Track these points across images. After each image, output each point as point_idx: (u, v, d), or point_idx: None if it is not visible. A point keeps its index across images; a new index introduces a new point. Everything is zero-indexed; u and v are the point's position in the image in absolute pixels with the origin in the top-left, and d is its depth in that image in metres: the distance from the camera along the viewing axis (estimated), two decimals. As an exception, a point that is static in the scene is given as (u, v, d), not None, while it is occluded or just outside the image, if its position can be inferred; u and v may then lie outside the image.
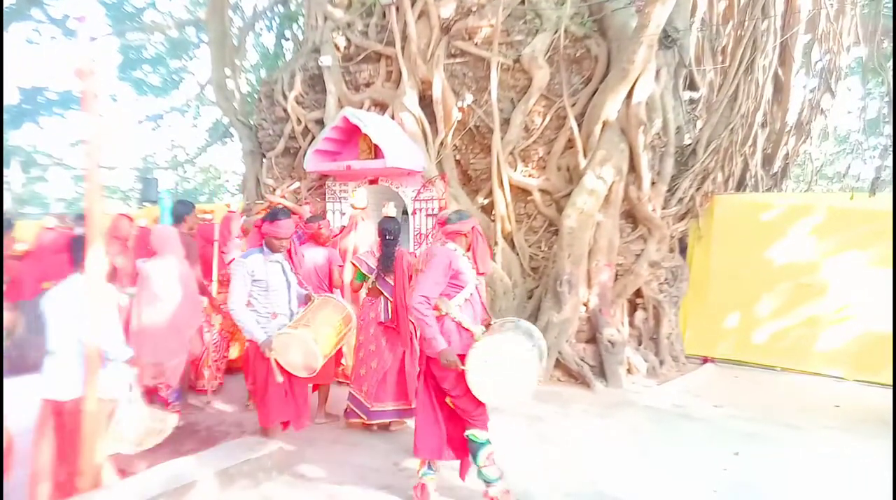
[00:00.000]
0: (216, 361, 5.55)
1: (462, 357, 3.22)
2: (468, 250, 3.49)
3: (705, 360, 7.39)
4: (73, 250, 3.10)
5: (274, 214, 4.02)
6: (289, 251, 4.13)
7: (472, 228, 3.50)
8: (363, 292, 4.82)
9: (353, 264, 4.81)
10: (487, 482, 3.38)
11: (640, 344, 7.07)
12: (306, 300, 4.20)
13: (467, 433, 3.39)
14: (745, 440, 4.60)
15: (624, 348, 6.45)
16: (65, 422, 2.99)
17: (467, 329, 3.34)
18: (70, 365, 2.98)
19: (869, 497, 3.71)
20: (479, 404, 3.33)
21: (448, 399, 3.42)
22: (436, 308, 3.32)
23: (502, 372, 3.17)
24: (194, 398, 5.31)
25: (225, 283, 5.95)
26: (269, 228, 3.96)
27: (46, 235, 7.01)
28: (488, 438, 3.38)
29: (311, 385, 5.08)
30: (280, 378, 3.84)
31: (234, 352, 6.05)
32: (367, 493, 3.61)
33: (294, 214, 6.27)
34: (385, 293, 4.60)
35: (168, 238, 4.57)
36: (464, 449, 3.47)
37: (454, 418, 3.47)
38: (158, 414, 3.28)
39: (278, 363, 3.80)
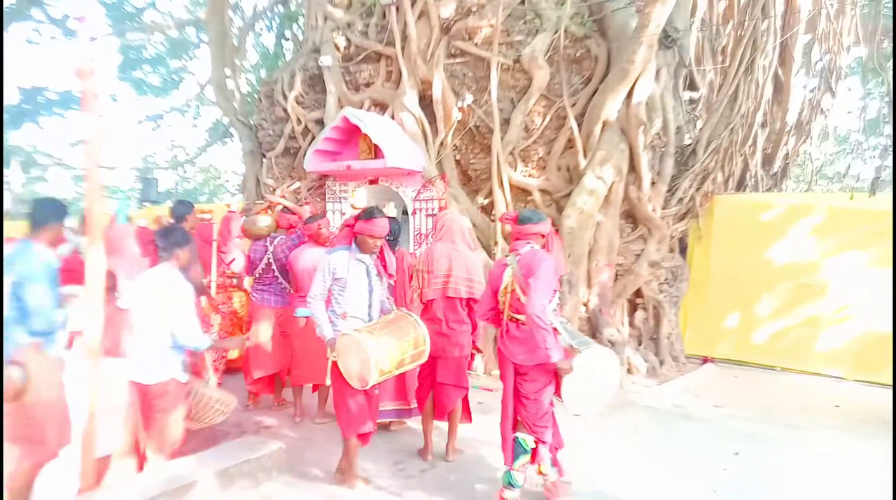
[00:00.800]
0: (215, 361, 5.54)
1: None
2: (544, 250, 3.48)
3: (705, 360, 7.39)
4: (163, 240, 3.37)
5: (370, 213, 3.65)
6: (381, 254, 3.82)
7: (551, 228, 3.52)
8: None
9: None
10: (508, 485, 3.40)
11: (640, 344, 7.07)
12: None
13: (518, 434, 3.40)
14: (745, 440, 4.61)
15: (624, 348, 6.45)
16: (150, 403, 3.30)
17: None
18: (155, 351, 3.28)
19: (869, 497, 3.71)
20: (547, 412, 3.37)
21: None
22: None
23: (595, 383, 3.20)
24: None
25: (223, 284, 5.96)
26: (363, 227, 3.62)
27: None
28: (531, 448, 3.41)
29: (311, 385, 5.09)
30: (328, 382, 3.69)
31: (233, 352, 6.04)
32: (367, 493, 3.61)
33: (293, 214, 6.27)
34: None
35: (121, 238, 4.56)
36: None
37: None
38: (225, 397, 3.66)
39: (335, 366, 3.54)
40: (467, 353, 4.16)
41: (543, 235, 3.46)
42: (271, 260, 5.10)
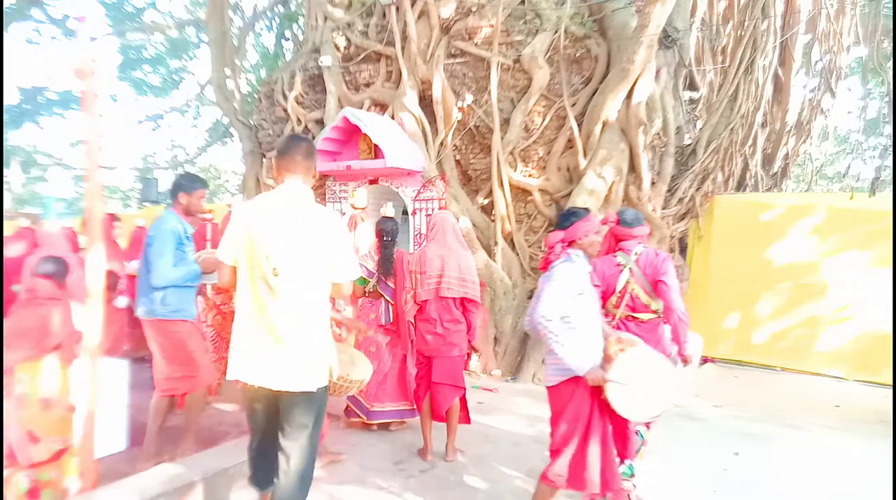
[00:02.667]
0: (214, 361, 5.53)
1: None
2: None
3: (705, 360, 7.39)
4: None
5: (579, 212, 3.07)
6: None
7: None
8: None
9: None
10: (632, 475, 3.41)
11: (640, 344, 7.06)
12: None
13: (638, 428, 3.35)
14: (745, 439, 4.61)
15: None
16: None
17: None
18: None
19: (869, 497, 3.71)
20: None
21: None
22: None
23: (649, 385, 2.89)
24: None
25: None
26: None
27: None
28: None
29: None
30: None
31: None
32: (367, 493, 3.61)
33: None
34: (386, 296, 4.58)
35: (54, 238, 4.56)
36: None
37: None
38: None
39: (606, 404, 2.86)
40: (463, 353, 4.15)
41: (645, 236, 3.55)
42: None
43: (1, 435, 2.93)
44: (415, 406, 4.47)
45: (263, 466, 2.77)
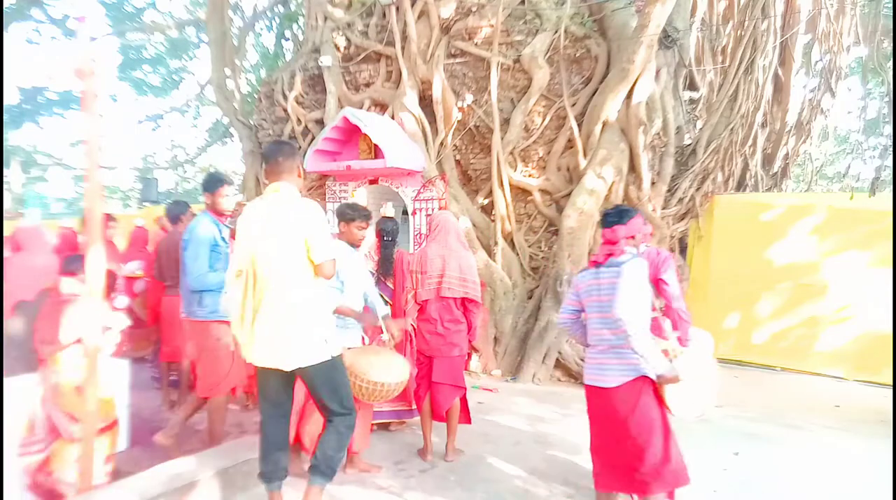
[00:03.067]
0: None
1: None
2: None
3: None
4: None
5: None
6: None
7: None
8: None
9: None
10: None
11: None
12: None
13: None
14: (745, 439, 4.60)
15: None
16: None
17: None
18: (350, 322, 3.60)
19: (869, 497, 3.71)
20: None
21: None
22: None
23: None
24: (193, 399, 5.30)
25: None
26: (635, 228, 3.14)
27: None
28: None
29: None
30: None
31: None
32: (367, 493, 3.61)
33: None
34: (385, 297, 4.57)
35: (30, 236, 4.53)
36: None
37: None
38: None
39: (665, 404, 2.96)
40: (464, 353, 4.14)
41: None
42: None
43: (1, 434, 2.95)
44: (414, 406, 4.47)
45: (270, 456, 2.94)
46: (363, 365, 3.38)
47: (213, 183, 3.96)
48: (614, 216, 3.07)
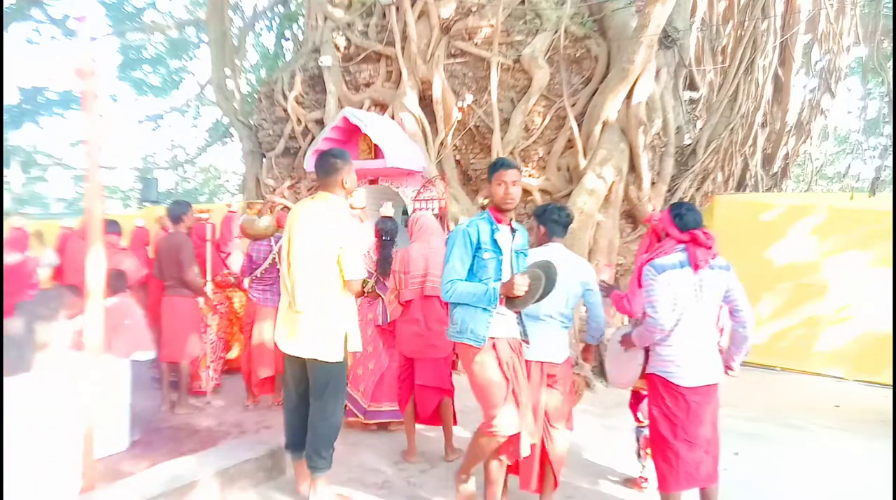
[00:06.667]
0: (213, 361, 5.54)
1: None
2: None
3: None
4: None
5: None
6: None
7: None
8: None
9: None
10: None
11: (640, 344, 7.07)
12: None
13: None
14: (745, 439, 4.60)
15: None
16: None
17: None
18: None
19: (869, 497, 3.71)
20: None
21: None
22: None
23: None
24: (193, 399, 5.31)
25: (221, 284, 5.94)
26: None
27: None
28: None
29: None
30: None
31: (232, 352, 6.04)
32: (367, 493, 3.61)
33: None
34: (383, 297, 4.56)
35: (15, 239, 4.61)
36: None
37: None
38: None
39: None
40: (449, 354, 4.05)
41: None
42: (277, 259, 5.09)
43: (1, 434, 2.94)
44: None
45: (293, 428, 3.38)
46: None
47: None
48: (699, 214, 3.17)
